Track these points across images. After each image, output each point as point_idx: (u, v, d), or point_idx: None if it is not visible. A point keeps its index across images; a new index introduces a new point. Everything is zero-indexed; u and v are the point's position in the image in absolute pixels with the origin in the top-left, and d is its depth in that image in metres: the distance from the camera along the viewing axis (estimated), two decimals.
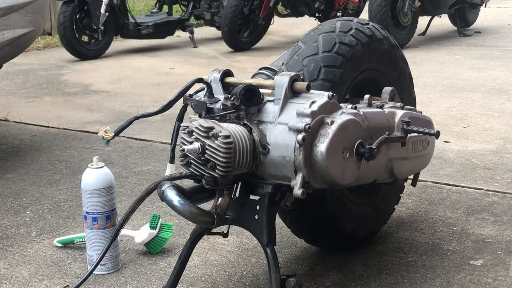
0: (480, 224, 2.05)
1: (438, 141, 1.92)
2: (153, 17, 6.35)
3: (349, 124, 1.44)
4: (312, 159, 1.40)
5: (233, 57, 5.78)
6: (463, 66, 4.85)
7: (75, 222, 2.17)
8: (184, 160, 1.46)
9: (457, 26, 6.57)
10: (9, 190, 2.47)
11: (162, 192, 1.42)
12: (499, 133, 3.07)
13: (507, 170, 2.55)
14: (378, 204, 1.90)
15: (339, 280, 1.73)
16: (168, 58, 5.74)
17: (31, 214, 2.24)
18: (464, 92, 3.97)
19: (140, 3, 9.32)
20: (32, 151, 3.00)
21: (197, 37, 6.62)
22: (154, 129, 3.26)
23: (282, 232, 1.95)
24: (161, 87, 4.45)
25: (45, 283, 1.76)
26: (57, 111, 3.81)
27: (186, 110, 1.54)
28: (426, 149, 1.76)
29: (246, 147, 1.42)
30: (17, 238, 2.05)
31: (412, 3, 5.76)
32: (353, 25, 1.73)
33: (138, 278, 1.78)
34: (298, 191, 1.40)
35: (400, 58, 1.88)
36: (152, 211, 2.19)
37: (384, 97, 1.73)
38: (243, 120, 1.46)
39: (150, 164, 2.71)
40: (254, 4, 6.14)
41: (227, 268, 1.82)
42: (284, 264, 1.82)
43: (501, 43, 5.91)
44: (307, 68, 1.65)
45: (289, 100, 1.45)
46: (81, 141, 3.13)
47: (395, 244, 1.94)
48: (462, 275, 1.74)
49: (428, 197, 2.29)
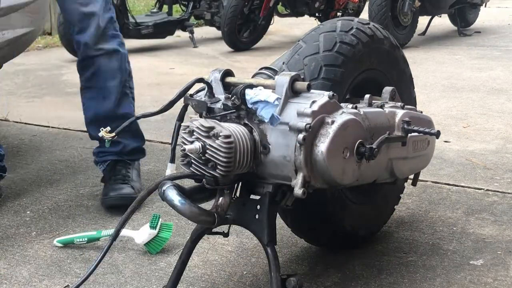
0: (480, 224, 2.05)
1: (438, 141, 1.92)
2: (153, 17, 6.34)
3: (349, 124, 1.44)
4: (313, 159, 1.40)
5: (233, 57, 5.78)
6: (463, 66, 4.85)
7: (75, 222, 2.17)
8: (185, 160, 1.46)
9: (457, 26, 6.57)
10: (9, 190, 2.47)
11: (163, 192, 1.42)
12: (499, 133, 3.07)
13: (507, 170, 2.55)
14: (378, 204, 1.90)
15: (339, 280, 1.73)
16: (168, 58, 5.74)
17: (31, 214, 2.24)
18: (464, 92, 3.97)
19: (140, 3, 9.32)
20: (32, 151, 3.00)
21: (197, 37, 6.62)
22: (154, 129, 3.26)
23: (282, 232, 1.95)
24: (161, 87, 4.45)
25: (45, 283, 1.76)
26: (57, 111, 3.81)
27: (186, 110, 1.54)
28: (426, 148, 1.76)
29: (246, 147, 1.42)
30: (17, 238, 2.05)
31: (412, 3, 5.76)
32: (354, 25, 1.74)
33: (138, 278, 1.78)
34: (299, 190, 1.40)
35: (400, 58, 1.88)
36: (152, 211, 2.19)
37: (384, 96, 1.73)
38: (243, 120, 1.46)
39: (150, 164, 2.71)
40: (254, 4, 6.14)
41: (227, 268, 1.82)
42: (284, 264, 1.82)
43: (501, 43, 5.91)
44: (308, 67, 1.65)
45: (290, 99, 1.45)
46: (81, 141, 3.13)
47: (395, 244, 1.94)
48: (462, 275, 1.74)
49: (428, 197, 2.29)
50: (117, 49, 2.35)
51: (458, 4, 6.34)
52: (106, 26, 2.31)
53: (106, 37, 2.31)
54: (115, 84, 2.35)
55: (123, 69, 2.39)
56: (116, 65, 2.36)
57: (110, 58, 2.34)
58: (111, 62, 2.34)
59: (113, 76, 2.35)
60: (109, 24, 2.32)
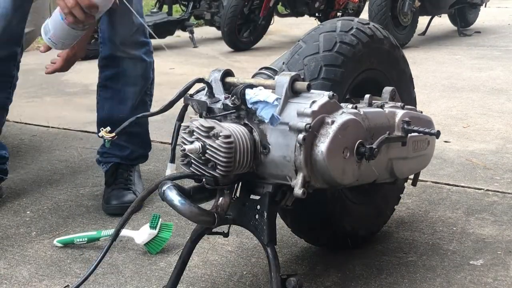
0: (480, 224, 2.05)
1: (438, 141, 1.92)
2: (153, 17, 6.35)
3: (349, 124, 1.44)
4: (313, 159, 1.40)
5: (233, 57, 5.78)
6: (463, 66, 4.85)
7: (75, 222, 2.17)
8: (185, 160, 1.46)
9: (457, 26, 6.57)
10: (9, 190, 2.47)
11: (163, 192, 1.42)
12: (499, 133, 3.07)
13: (507, 170, 2.55)
14: (378, 204, 1.91)
15: (339, 280, 1.73)
16: (168, 58, 5.74)
17: (31, 214, 2.24)
18: (464, 92, 3.97)
19: None
20: (32, 151, 2.99)
21: (197, 37, 6.62)
22: (154, 129, 3.25)
23: (282, 232, 1.95)
24: (161, 87, 4.45)
25: (45, 283, 1.76)
26: (57, 111, 3.81)
27: (186, 110, 1.54)
28: (426, 149, 1.76)
29: (246, 147, 1.42)
30: (17, 238, 2.05)
31: (412, 3, 5.76)
32: (354, 25, 1.73)
33: (138, 278, 1.78)
34: (299, 190, 1.40)
35: (400, 58, 1.88)
36: (152, 211, 2.19)
37: (384, 97, 1.73)
38: (243, 120, 1.46)
39: (150, 164, 2.71)
40: (254, 4, 6.14)
41: (227, 268, 1.82)
42: (284, 264, 1.82)
43: (501, 43, 5.91)
44: (308, 67, 1.65)
45: (290, 99, 1.44)
46: (81, 141, 3.13)
47: (395, 244, 1.94)
48: (462, 275, 1.74)
49: (428, 197, 2.29)
50: (143, 57, 2.30)
51: (458, 4, 6.34)
52: (137, 31, 2.25)
53: (134, 42, 2.26)
54: (134, 90, 2.31)
55: (146, 77, 2.35)
56: (140, 72, 2.32)
57: (135, 64, 2.29)
58: (136, 68, 2.30)
59: (134, 83, 2.31)
60: (140, 30, 2.27)
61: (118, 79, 2.31)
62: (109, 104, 2.36)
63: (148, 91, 2.40)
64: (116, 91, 2.32)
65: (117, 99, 2.33)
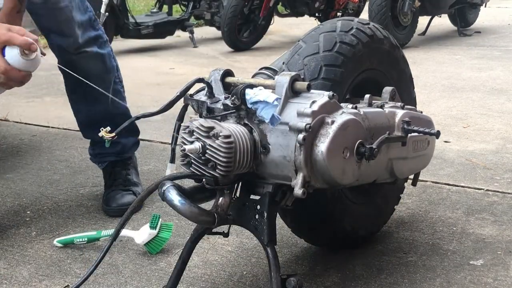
0: (480, 224, 2.06)
1: (438, 141, 1.92)
2: (153, 17, 6.35)
3: (349, 124, 1.44)
4: (313, 159, 1.40)
5: (233, 57, 5.78)
6: (463, 66, 4.85)
7: (75, 222, 2.17)
8: (185, 160, 1.46)
9: (457, 26, 6.57)
10: (9, 190, 2.47)
11: (163, 192, 1.42)
12: (499, 133, 3.07)
13: (507, 170, 2.55)
14: (378, 204, 1.90)
15: (339, 280, 1.73)
16: (168, 58, 5.74)
17: (31, 214, 2.24)
18: (464, 92, 3.97)
19: (140, 3, 9.32)
20: (32, 151, 2.99)
21: (197, 37, 6.63)
22: (154, 129, 3.26)
23: (282, 232, 1.95)
24: (161, 87, 4.45)
25: (45, 283, 1.76)
26: (57, 111, 3.81)
27: (186, 110, 1.54)
28: (426, 149, 1.76)
29: (246, 147, 1.42)
30: (17, 238, 2.05)
31: (412, 3, 5.76)
32: (354, 25, 1.73)
33: (138, 278, 1.78)
34: (299, 191, 1.40)
35: (400, 58, 1.88)
36: (152, 211, 2.19)
37: (384, 97, 1.73)
38: (243, 120, 1.46)
39: (150, 164, 2.71)
40: (254, 4, 6.14)
41: (227, 268, 1.82)
42: (284, 264, 1.82)
43: (501, 43, 5.91)
44: (308, 67, 1.65)
45: (290, 99, 1.44)
46: (81, 141, 3.12)
47: (395, 244, 1.94)
48: (462, 275, 1.74)
49: (428, 197, 2.29)
50: (99, 52, 2.25)
51: (458, 4, 6.34)
52: (85, 29, 2.20)
53: (85, 41, 2.21)
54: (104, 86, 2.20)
55: (109, 68, 2.30)
56: (101, 66, 2.26)
57: (95, 61, 2.23)
58: (96, 65, 2.24)
59: (101, 79, 2.23)
60: (88, 26, 2.22)
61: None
62: (84, 106, 2.33)
63: (117, 79, 2.35)
64: (87, 92, 2.23)
65: (91, 100, 2.28)
